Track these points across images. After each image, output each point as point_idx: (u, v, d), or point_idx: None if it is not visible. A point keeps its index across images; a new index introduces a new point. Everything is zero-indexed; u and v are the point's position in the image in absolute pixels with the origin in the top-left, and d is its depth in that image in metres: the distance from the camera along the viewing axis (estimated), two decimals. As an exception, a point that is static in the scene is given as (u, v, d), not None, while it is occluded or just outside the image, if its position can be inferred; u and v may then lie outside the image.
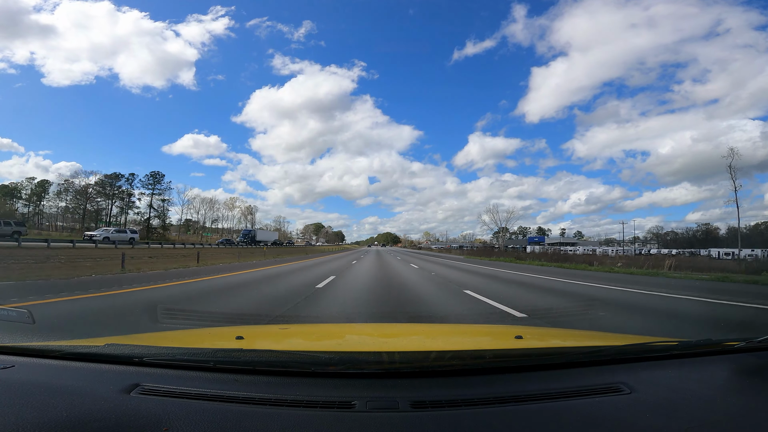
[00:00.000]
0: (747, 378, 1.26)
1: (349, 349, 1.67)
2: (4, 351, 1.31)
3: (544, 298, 7.65)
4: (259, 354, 1.31)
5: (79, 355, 1.29)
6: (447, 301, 6.99)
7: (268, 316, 5.11)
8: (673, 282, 11.39)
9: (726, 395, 1.15)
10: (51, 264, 12.87)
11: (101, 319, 4.79)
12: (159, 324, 3.94)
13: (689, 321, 5.45)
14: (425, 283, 10.17)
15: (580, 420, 0.98)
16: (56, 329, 3.88)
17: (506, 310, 5.74)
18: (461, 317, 5.40)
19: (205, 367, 1.20)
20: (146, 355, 1.25)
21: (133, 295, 6.79)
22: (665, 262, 19.29)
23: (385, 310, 5.88)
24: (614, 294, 8.38)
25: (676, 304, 6.94)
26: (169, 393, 1.07)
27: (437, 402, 1.05)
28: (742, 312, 6.20)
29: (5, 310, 1.57)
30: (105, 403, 1.01)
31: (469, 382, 1.18)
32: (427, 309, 6.03)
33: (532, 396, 1.09)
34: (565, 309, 6.52)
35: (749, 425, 0.99)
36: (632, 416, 1.00)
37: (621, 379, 1.19)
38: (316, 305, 6.07)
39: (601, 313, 5.55)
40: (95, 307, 5.49)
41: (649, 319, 5.60)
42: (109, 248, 24.88)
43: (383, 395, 1.08)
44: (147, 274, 10.62)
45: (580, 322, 5.11)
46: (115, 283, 8.40)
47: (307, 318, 5.10)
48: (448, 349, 1.60)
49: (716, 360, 1.40)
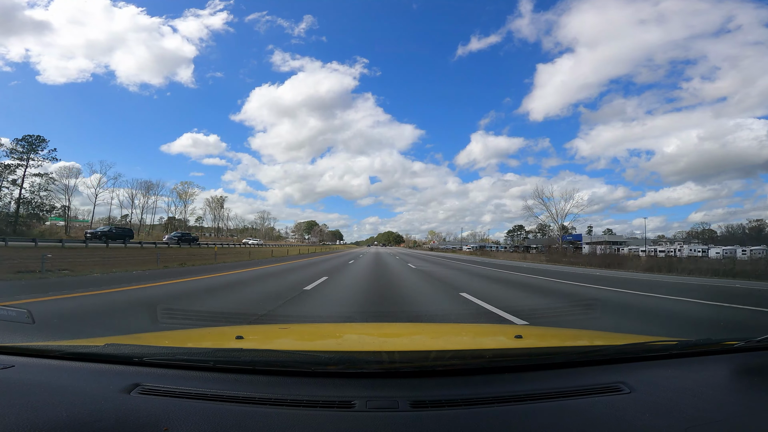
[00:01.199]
0: (747, 377, 1.26)
1: (348, 349, 1.67)
2: (4, 351, 1.31)
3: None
4: (259, 354, 1.31)
5: (79, 355, 1.29)
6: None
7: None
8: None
9: (726, 395, 1.15)
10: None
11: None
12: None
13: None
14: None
15: (579, 419, 0.98)
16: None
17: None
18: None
19: (205, 366, 1.20)
20: (146, 354, 1.25)
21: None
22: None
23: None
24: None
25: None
26: (169, 393, 1.07)
27: (437, 401, 1.05)
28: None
29: (4, 309, 1.57)
30: (105, 403, 1.01)
31: (469, 381, 1.18)
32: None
33: (532, 395, 1.09)
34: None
35: (749, 425, 0.99)
36: (632, 416, 1.00)
37: (621, 379, 1.19)
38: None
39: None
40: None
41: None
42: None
43: (383, 395, 1.08)
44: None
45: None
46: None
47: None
48: (448, 349, 1.60)
49: (716, 359, 1.40)
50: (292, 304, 6.25)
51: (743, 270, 17.30)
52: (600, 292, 9.36)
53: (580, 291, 9.55)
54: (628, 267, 22.45)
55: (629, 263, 24.28)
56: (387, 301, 6.94)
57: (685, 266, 20.03)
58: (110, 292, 7.14)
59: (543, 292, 8.96)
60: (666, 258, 29.73)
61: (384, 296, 7.62)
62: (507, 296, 8.08)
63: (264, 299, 6.73)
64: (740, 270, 17.32)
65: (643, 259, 28.39)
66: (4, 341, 1.39)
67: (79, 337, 3.25)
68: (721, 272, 17.26)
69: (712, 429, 0.96)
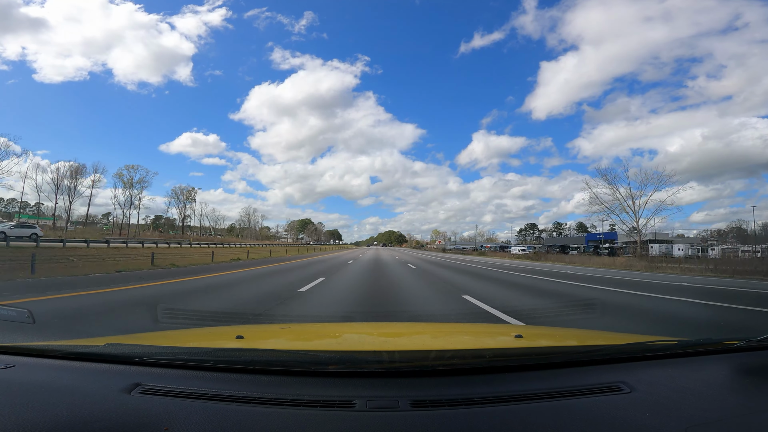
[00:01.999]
0: (747, 377, 1.26)
1: (349, 349, 1.67)
2: (4, 351, 1.31)
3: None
4: (259, 353, 1.31)
5: (80, 355, 1.29)
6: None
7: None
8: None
9: (726, 394, 1.15)
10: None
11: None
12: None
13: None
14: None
15: (580, 419, 0.98)
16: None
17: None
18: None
19: (206, 366, 1.20)
20: (146, 354, 1.25)
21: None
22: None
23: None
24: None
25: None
26: (169, 392, 1.07)
27: (437, 401, 1.05)
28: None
29: (5, 309, 1.57)
30: (105, 402, 1.01)
31: (470, 381, 1.18)
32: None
33: (532, 395, 1.09)
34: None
35: (749, 424, 0.99)
36: (632, 415, 1.00)
37: (621, 379, 1.19)
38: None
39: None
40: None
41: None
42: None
43: (383, 394, 1.08)
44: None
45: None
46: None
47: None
48: (448, 348, 1.60)
49: (716, 359, 1.40)
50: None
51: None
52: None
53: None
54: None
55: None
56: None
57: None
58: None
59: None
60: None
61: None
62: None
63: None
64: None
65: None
66: (4, 341, 1.40)
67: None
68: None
69: (713, 428, 0.96)
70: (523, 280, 12.59)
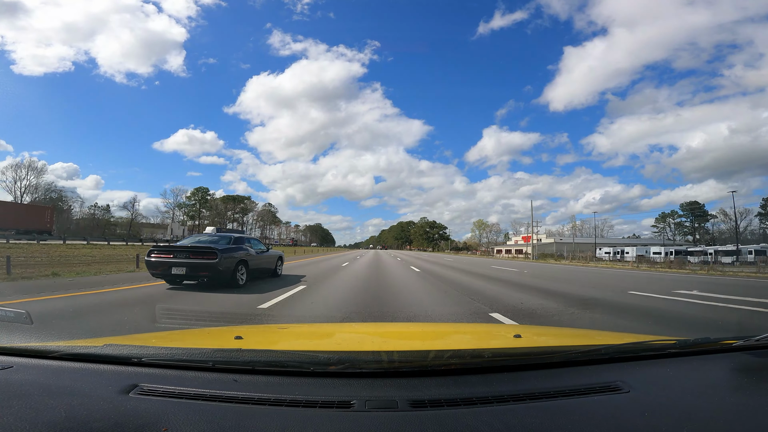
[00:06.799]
0: (745, 376, 1.26)
1: (347, 349, 1.67)
2: (3, 352, 1.30)
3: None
4: (257, 354, 1.31)
5: (78, 356, 1.29)
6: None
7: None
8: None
9: (724, 394, 1.16)
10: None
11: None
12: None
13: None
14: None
15: (578, 418, 0.99)
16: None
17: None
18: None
19: (204, 367, 1.20)
20: (145, 355, 1.25)
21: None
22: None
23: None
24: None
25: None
26: (167, 393, 1.07)
27: (436, 401, 1.05)
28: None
29: (3, 310, 1.57)
30: (104, 403, 1.01)
31: (468, 381, 1.18)
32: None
33: (531, 395, 1.09)
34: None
35: (748, 424, 0.99)
36: (631, 415, 1.00)
37: (619, 378, 1.19)
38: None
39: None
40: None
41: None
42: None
43: (382, 395, 1.08)
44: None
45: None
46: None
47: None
48: (447, 348, 1.60)
49: (714, 358, 1.40)
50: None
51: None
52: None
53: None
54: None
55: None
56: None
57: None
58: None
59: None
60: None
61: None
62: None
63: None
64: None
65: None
66: (1, 342, 1.39)
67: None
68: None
69: (711, 428, 0.96)
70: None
